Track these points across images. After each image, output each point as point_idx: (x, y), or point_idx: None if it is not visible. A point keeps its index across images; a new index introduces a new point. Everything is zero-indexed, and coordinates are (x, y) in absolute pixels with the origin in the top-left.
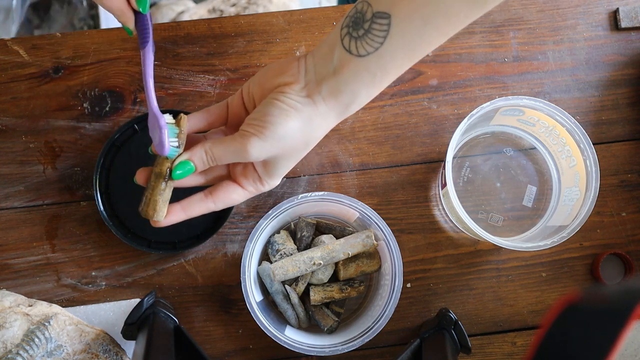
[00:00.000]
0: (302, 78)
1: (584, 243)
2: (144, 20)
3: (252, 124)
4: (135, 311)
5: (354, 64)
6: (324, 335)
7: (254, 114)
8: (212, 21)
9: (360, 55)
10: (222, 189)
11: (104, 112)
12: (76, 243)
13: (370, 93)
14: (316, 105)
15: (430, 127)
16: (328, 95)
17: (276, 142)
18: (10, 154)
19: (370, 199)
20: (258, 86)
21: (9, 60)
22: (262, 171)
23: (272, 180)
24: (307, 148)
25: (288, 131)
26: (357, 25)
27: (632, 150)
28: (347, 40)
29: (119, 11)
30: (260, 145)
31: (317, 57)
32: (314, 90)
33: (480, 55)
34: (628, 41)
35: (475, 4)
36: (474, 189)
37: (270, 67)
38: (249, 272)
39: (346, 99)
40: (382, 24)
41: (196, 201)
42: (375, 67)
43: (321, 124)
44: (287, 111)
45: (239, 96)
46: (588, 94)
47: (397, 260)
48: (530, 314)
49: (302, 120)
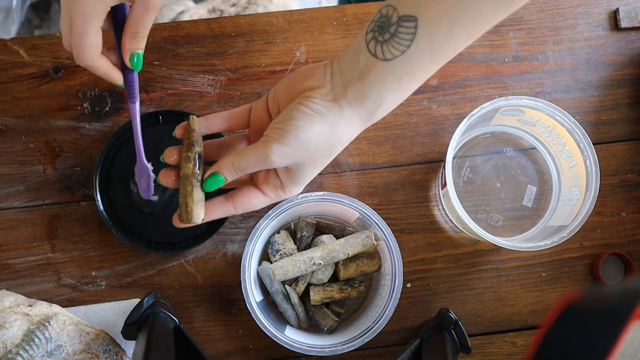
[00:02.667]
0: (329, 82)
1: (584, 243)
2: (132, 76)
3: (275, 128)
4: (135, 311)
5: (380, 68)
6: (324, 335)
7: (278, 118)
8: (212, 21)
9: (386, 59)
10: (243, 194)
11: (104, 112)
12: (76, 243)
13: (396, 98)
14: (342, 109)
15: (430, 127)
16: (354, 99)
17: (299, 147)
18: (10, 154)
19: (370, 199)
20: (285, 91)
21: (9, 60)
22: (285, 177)
23: (294, 187)
24: (332, 154)
25: (311, 136)
26: (382, 30)
27: (632, 150)
28: (373, 44)
29: (105, 75)
30: (282, 151)
31: (343, 62)
32: (339, 95)
33: (480, 55)
34: (628, 41)
35: (503, 4)
36: (474, 189)
37: (297, 72)
38: (249, 272)
39: (372, 104)
40: (408, 27)
41: (217, 204)
42: (401, 71)
43: (346, 129)
44: (312, 116)
45: (263, 101)
46: (588, 94)
47: (397, 260)
48: (530, 314)
49: (327, 124)
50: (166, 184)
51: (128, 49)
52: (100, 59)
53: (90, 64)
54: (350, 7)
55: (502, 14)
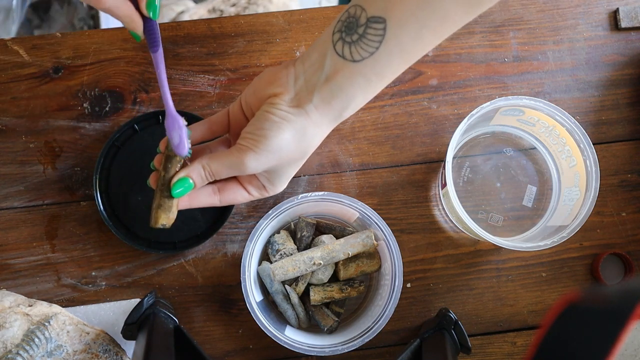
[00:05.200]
0: (292, 87)
1: (584, 243)
2: (153, 25)
3: (247, 137)
4: (135, 311)
5: (348, 70)
6: (324, 335)
7: (248, 127)
8: (212, 21)
9: (355, 61)
10: (229, 189)
11: (104, 112)
12: (76, 243)
13: (365, 97)
14: (308, 114)
15: (430, 127)
16: (320, 102)
17: (272, 154)
18: (10, 154)
19: (370, 199)
20: (253, 95)
21: (9, 60)
22: (265, 180)
23: (275, 187)
24: (305, 156)
25: (282, 143)
26: (350, 30)
27: (632, 150)
28: (340, 45)
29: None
30: (256, 159)
31: (307, 64)
32: (304, 99)
33: (480, 55)
34: (628, 41)
35: (470, 6)
36: (474, 189)
37: (262, 76)
38: (249, 272)
39: (340, 105)
40: (377, 29)
41: (203, 194)
42: (370, 72)
43: (315, 131)
44: (279, 123)
45: (238, 104)
46: (588, 94)
47: (397, 260)
48: (530, 314)
49: (295, 130)
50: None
51: None
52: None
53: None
54: None
55: (470, 15)
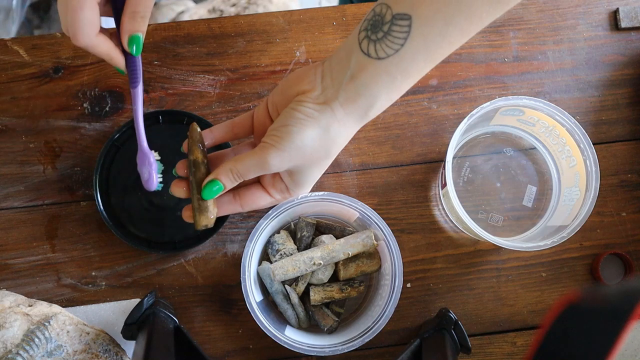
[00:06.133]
0: (319, 85)
1: (584, 243)
2: (135, 61)
3: (271, 135)
4: (135, 311)
5: (373, 67)
6: (324, 335)
7: (274, 124)
8: (212, 21)
9: (379, 58)
10: (250, 194)
11: (104, 112)
12: (76, 243)
13: (390, 97)
14: (334, 112)
15: (430, 127)
16: (346, 100)
17: (295, 152)
18: (10, 154)
19: (370, 199)
20: (280, 95)
21: (9, 60)
22: (289, 181)
23: (299, 190)
24: (330, 156)
25: (306, 140)
26: (375, 28)
27: (632, 150)
28: (366, 43)
29: (106, 56)
30: (279, 156)
31: (334, 62)
32: (331, 97)
33: (480, 55)
34: (628, 41)
35: (498, 3)
36: (474, 189)
37: (290, 76)
38: (249, 272)
39: (365, 103)
40: (402, 26)
41: (225, 202)
42: (395, 69)
43: (340, 130)
44: (304, 120)
45: (264, 106)
46: (588, 94)
47: (397, 260)
48: (530, 314)
49: (320, 128)
50: (178, 194)
51: (127, 30)
52: (98, 37)
53: (88, 42)
54: (350, 7)
55: (497, 12)
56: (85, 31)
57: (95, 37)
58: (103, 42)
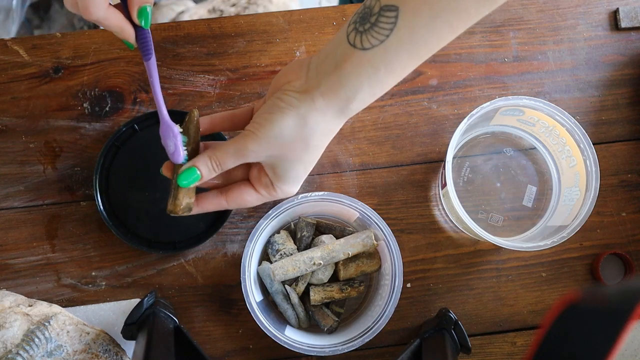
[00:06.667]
0: (304, 75)
1: (584, 243)
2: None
3: (253, 122)
4: (135, 311)
5: (356, 58)
6: (324, 335)
7: (257, 112)
8: (212, 21)
9: (364, 49)
10: (237, 189)
11: (104, 112)
12: (76, 243)
13: (372, 91)
14: (313, 100)
15: (430, 127)
16: (327, 90)
17: (273, 140)
18: (10, 154)
19: (370, 199)
20: (272, 87)
21: (9, 60)
22: (272, 174)
23: (283, 186)
24: (309, 148)
25: (284, 128)
26: (364, 20)
27: (632, 150)
28: (353, 35)
29: (118, 28)
30: (257, 144)
31: (322, 54)
32: (313, 86)
33: (480, 55)
34: (628, 41)
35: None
36: (474, 189)
37: (283, 69)
38: (249, 272)
39: (346, 94)
40: (389, 17)
41: (210, 197)
42: (379, 61)
43: (318, 119)
44: (284, 109)
45: (264, 100)
46: (588, 94)
47: (397, 260)
48: (530, 314)
49: (298, 116)
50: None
51: (136, 2)
52: (109, 9)
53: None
54: (350, 7)
55: (485, 9)
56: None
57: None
58: (114, 15)
